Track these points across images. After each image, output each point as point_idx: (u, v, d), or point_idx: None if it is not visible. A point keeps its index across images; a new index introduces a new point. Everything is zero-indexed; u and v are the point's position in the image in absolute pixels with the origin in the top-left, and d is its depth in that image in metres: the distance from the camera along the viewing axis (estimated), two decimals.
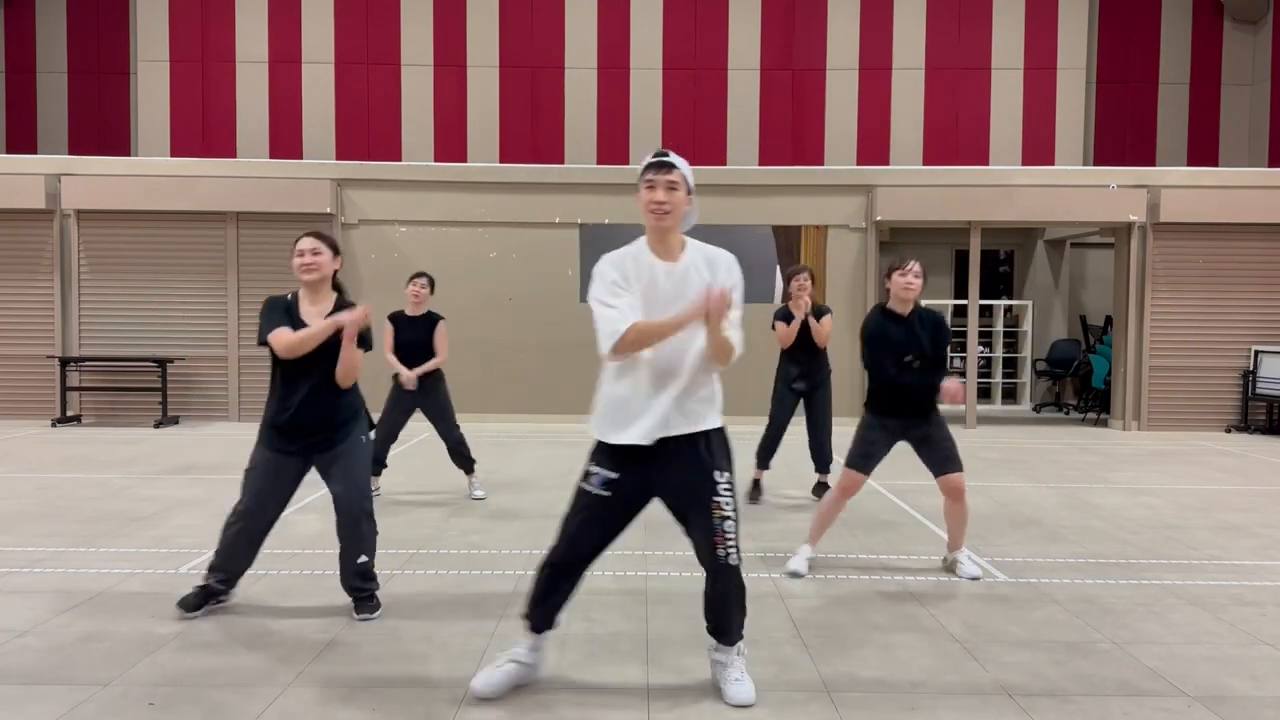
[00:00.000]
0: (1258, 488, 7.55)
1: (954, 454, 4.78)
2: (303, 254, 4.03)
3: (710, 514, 3.14)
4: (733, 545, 3.16)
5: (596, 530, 3.24)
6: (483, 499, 6.73)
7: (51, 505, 6.36)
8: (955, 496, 4.79)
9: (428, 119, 14.83)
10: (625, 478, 3.17)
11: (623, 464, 3.17)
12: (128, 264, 11.38)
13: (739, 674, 3.25)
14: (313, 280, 4.06)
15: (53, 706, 3.15)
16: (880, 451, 4.83)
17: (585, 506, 3.23)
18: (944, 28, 14.77)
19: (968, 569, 4.79)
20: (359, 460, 4.10)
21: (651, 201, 3.11)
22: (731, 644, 3.30)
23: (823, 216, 11.63)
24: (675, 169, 3.12)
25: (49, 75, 15.09)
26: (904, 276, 4.71)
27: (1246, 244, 11.34)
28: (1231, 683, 3.46)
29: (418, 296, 6.62)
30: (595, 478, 3.20)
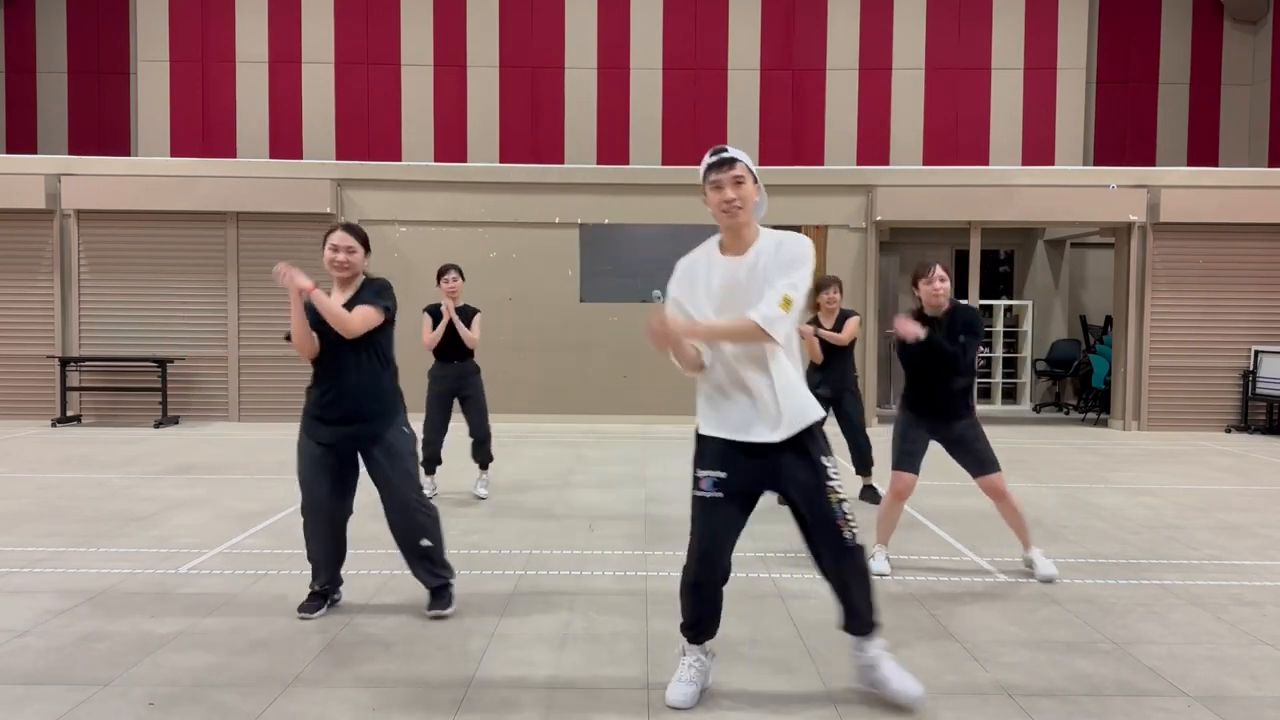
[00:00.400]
0: (1258, 488, 7.55)
1: (989, 455, 4.79)
2: (336, 250, 3.98)
3: (828, 499, 3.11)
4: (855, 526, 3.14)
5: (723, 533, 3.19)
6: (484, 498, 6.74)
7: (51, 505, 6.36)
8: (997, 496, 4.81)
9: (428, 119, 14.83)
10: (734, 475, 3.13)
11: (730, 462, 3.13)
12: (128, 264, 11.38)
13: (893, 668, 3.20)
14: (344, 277, 4.04)
15: (53, 706, 3.15)
16: (921, 448, 4.85)
17: (703, 513, 3.18)
18: (944, 28, 14.77)
19: (1043, 569, 4.78)
20: (404, 447, 4.08)
21: (722, 201, 3.08)
22: (870, 634, 3.23)
23: (823, 216, 11.63)
24: (738, 162, 3.10)
25: (49, 75, 15.09)
26: (929, 284, 4.76)
27: (1246, 244, 11.34)
28: (1231, 683, 3.46)
29: (453, 294, 6.64)
30: (705, 481, 3.16)
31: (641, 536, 5.60)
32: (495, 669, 3.51)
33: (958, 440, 4.81)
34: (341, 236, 4.00)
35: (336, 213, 11.36)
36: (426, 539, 4.10)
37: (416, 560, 4.13)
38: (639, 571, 4.86)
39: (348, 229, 4.04)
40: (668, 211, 11.42)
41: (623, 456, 8.84)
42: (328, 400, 3.98)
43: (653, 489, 7.14)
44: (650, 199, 11.48)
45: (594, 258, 11.69)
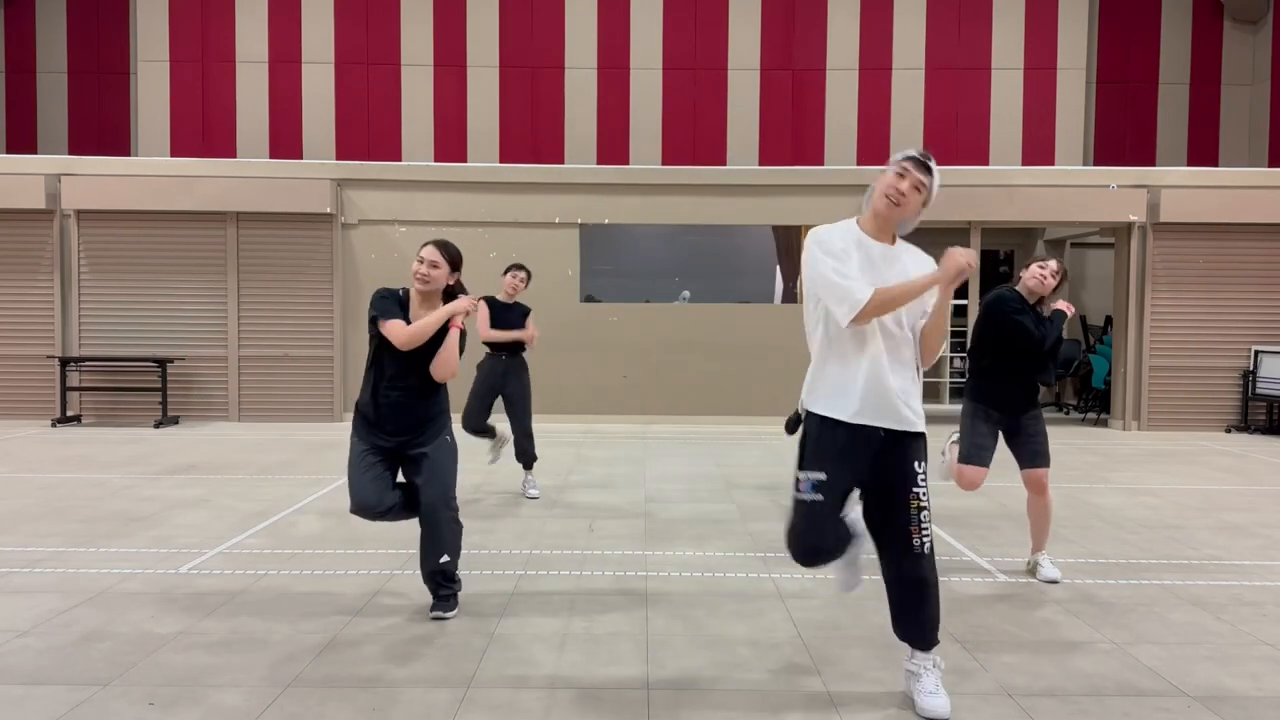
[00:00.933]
0: (1258, 488, 7.55)
1: (1044, 450, 4.76)
2: (422, 261, 4.04)
3: (908, 505, 3.11)
4: (928, 535, 3.13)
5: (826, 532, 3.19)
6: (536, 498, 6.77)
7: (51, 505, 6.36)
8: (1039, 491, 4.79)
9: (428, 119, 14.83)
10: (832, 476, 3.13)
11: (830, 458, 3.12)
12: (128, 264, 11.38)
13: (934, 686, 3.17)
14: (425, 291, 4.07)
15: (53, 706, 3.15)
16: (991, 443, 4.77)
17: (806, 515, 3.17)
18: (944, 28, 14.77)
19: (1048, 571, 4.78)
20: (445, 460, 4.10)
21: (894, 188, 3.10)
22: (928, 648, 3.20)
23: (823, 216, 11.50)
24: (931, 176, 3.11)
25: (49, 75, 15.09)
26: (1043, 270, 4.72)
27: (1246, 244, 11.34)
28: (1231, 683, 3.46)
29: (515, 289, 6.78)
30: (804, 484, 3.16)
31: (641, 536, 5.60)
32: (495, 669, 3.51)
33: (1022, 430, 4.76)
34: (431, 251, 4.06)
35: (336, 213, 11.36)
36: (447, 555, 4.10)
37: (432, 572, 4.13)
38: (639, 571, 4.86)
39: (438, 244, 4.10)
40: (668, 211, 11.42)
41: (623, 456, 8.84)
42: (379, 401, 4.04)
43: (653, 489, 7.14)
44: (650, 199, 11.48)
45: (594, 258, 11.68)
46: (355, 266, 11.51)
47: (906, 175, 3.09)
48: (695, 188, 11.42)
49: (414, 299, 4.11)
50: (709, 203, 11.44)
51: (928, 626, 3.19)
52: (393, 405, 4.03)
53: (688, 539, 5.57)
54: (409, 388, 4.03)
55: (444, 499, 4.08)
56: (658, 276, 11.70)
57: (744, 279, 11.60)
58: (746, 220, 11.53)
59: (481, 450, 7.14)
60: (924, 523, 3.12)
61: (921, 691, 3.16)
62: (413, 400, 4.05)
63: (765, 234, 11.66)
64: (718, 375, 11.39)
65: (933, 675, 3.19)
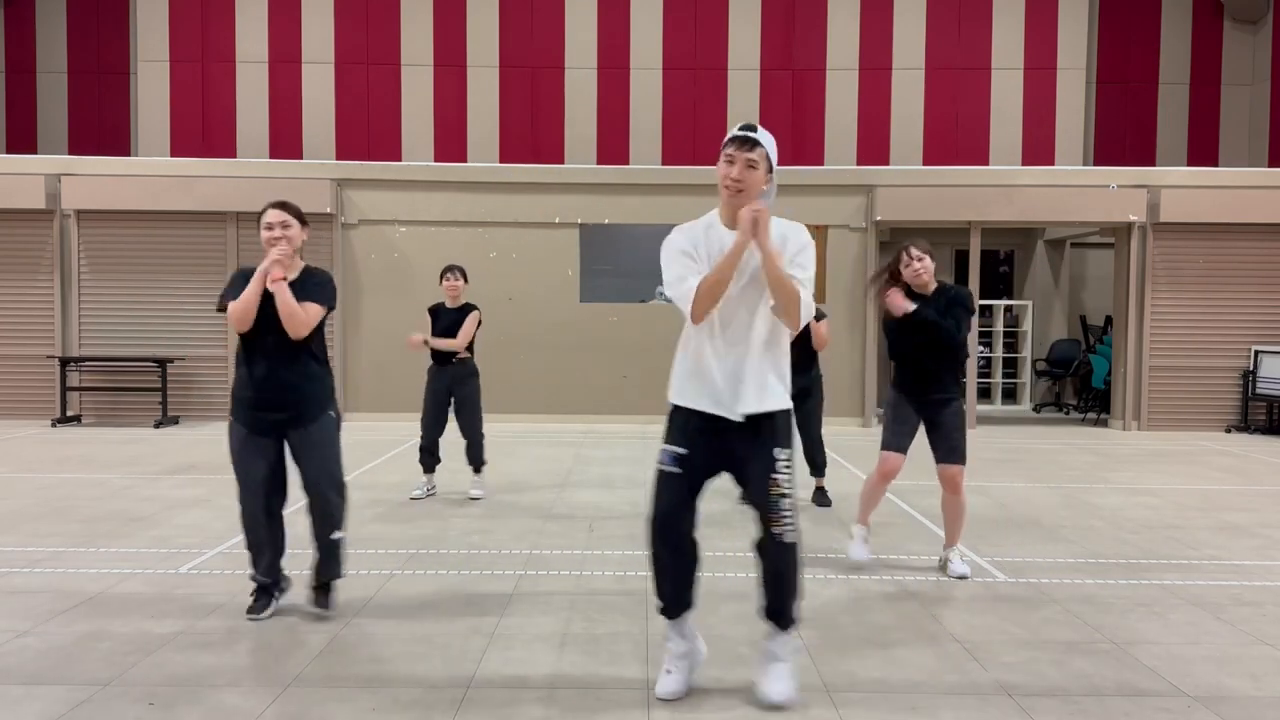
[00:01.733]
0: (1258, 488, 7.55)
1: (961, 445, 4.77)
2: (271, 227, 3.95)
3: (768, 491, 3.13)
4: (789, 524, 3.14)
5: (680, 506, 3.21)
6: (479, 499, 6.73)
7: (51, 505, 6.36)
8: (953, 489, 4.80)
9: (428, 119, 14.83)
10: (694, 453, 3.16)
11: (692, 439, 3.16)
12: (128, 264, 11.38)
13: (782, 671, 3.23)
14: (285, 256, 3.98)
15: (53, 706, 3.15)
16: (911, 427, 4.83)
17: (663, 485, 3.21)
18: (944, 28, 14.77)
19: (956, 567, 4.81)
20: (329, 437, 4.07)
21: (728, 178, 3.09)
22: (786, 627, 3.26)
23: (823, 216, 11.63)
24: (758, 146, 3.08)
25: (49, 75, 15.09)
26: (908, 267, 4.75)
27: (1246, 244, 11.34)
28: (1231, 683, 3.46)
29: (455, 290, 6.72)
30: (666, 455, 3.20)
31: (641, 537, 5.59)
32: (495, 669, 3.51)
33: (940, 423, 4.78)
34: (274, 214, 3.97)
35: (336, 213, 11.37)
36: (338, 531, 4.10)
37: (321, 550, 4.11)
38: (639, 571, 4.85)
39: (279, 205, 4.01)
40: (668, 211, 11.39)
41: (623, 456, 8.84)
42: (253, 382, 3.96)
43: None
44: (650, 199, 11.48)
45: (594, 258, 11.68)
46: (355, 266, 11.52)
47: (734, 160, 3.08)
48: (695, 188, 11.41)
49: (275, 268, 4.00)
50: (709, 203, 11.29)
51: (788, 606, 3.25)
52: (266, 379, 3.94)
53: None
54: (281, 361, 3.94)
55: (329, 474, 4.04)
56: (658, 277, 11.68)
57: None
58: None
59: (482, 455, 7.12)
60: (784, 510, 3.13)
61: (768, 674, 3.23)
62: (285, 371, 3.96)
63: None
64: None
65: (786, 662, 3.26)
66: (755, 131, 3.09)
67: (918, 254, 4.73)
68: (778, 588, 3.23)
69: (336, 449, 4.13)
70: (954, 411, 4.78)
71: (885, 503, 6.68)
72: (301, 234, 4.04)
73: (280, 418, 3.99)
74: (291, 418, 4.00)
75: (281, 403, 3.97)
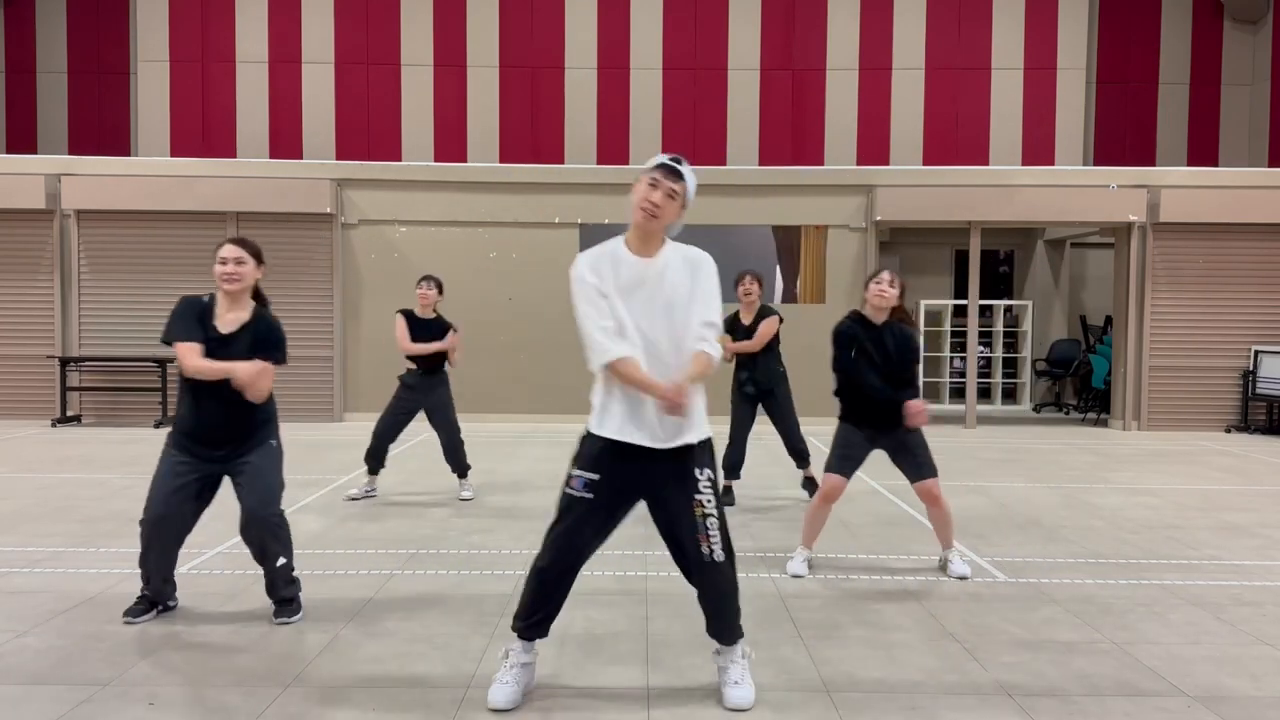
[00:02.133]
0: (1258, 488, 7.55)
1: (928, 460, 4.79)
2: (225, 262, 3.94)
3: (692, 513, 3.15)
4: (716, 543, 3.16)
5: (582, 535, 3.21)
6: (470, 499, 6.71)
7: (51, 505, 6.36)
8: (932, 502, 4.84)
9: (428, 119, 14.82)
10: (605, 479, 3.16)
11: (605, 465, 3.16)
12: (128, 264, 11.38)
13: (739, 676, 3.23)
14: (234, 290, 3.97)
15: (53, 706, 3.15)
16: (858, 455, 4.83)
17: (568, 510, 3.20)
18: (944, 28, 14.77)
19: (957, 568, 4.81)
20: (269, 466, 4.01)
21: (647, 200, 3.10)
22: (732, 643, 3.28)
23: (823, 216, 11.63)
24: (682, 180, 3.12)
25: (49, 75, 15.09)
26: (878, 284, 4.74)
27: (1246, 244, 11.34)
28: (1231, 683, 3.46)
29: (425, 299, 6.64)
30: (577, 480, 3.18)
31: (641, 537, 5.59)
32: (495, 669, 3.51)
33: (899, 446, 4.79)
34: (231, 249, 3.97)
35: (336, 213, 11.37)
36: (283, 557, 4.03)
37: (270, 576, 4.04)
38: (639, 571, 4.86)
39: (237, 241, 4.01)
40: None
41: None
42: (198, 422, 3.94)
43: None
44: None
45: None
46: (355, 266, 11.52)
47: (658, 185, 3.10)
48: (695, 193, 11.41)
49: (221, 302, 4.00)
50: (709, 203, 11.41)
51: (730, 624, 3.26)
52: (214, 418, 3.91)
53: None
54: (231, 399, 3.89)
55: (265, 504, 3.96)
56: None
57: None
58: (746, 220, 11.53)
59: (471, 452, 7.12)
60: (711, 530, 3.15)
61: (727, 683, 3.22)
62: (235, 411, 3.92)
63: (765, 234, 11.67)
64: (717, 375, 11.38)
65: (740, 666, 3.25)
66: (682, 164, 3.13)
67: (891, 278, 4.74)
68: (721, 607, 3.24)
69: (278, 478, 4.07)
70: (910, 431, 4.74)
71: (885, 503, 6.69)
72: (256, 272, 4.02)
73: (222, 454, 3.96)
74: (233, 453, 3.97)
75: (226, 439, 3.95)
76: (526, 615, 3.25)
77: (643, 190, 3.11)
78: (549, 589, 3.25)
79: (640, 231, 3.16)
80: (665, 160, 3.13)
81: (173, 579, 4.12)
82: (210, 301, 4.03)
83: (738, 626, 3.29)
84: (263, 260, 4.08)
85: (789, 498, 6.92)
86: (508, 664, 3.25)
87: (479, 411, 10.97)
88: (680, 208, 3.15)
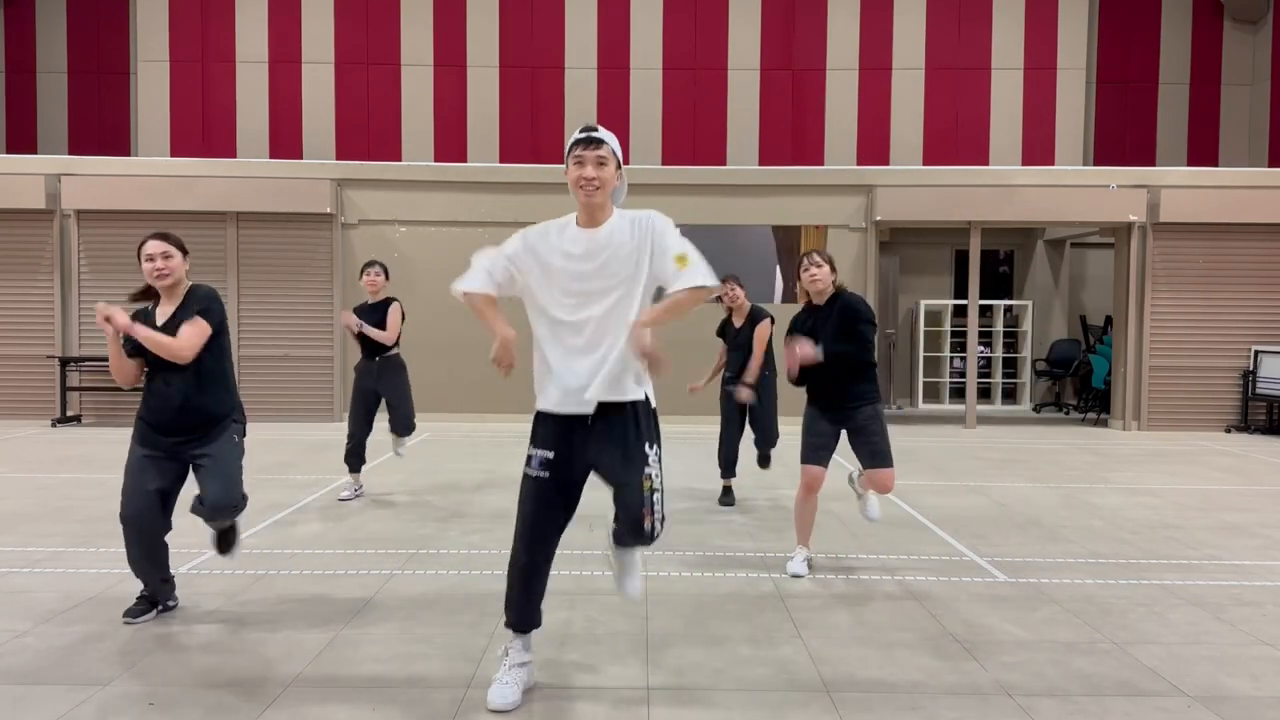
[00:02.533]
0: (1258, 488, 7.55)
1: (884, 448, 4.74)
2: (153, 259, 3.90)
3: (640, 488, 3.13)
4: (659, 517, 3.18)
5: (547, 514, 3.24)
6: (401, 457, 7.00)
7: (51, 505, 6.36)
8: (883, 491, 4.85)
9: (428, 119, 14.82)
10: (560, 456, 3.19)
11: (557, 441, 3.19)
12: (128, 264, 11.24)
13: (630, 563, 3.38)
14: (166, 285, 3.95)
15: (53, 706, 3.15)
16: (828, 442, 4.82)
17: (530, 492, 3.24)
18: (944, 28, 14.77)
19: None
20: (230, 457, 4.00)
21: (581, 178, 3.12)
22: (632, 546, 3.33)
23: (823, 216, 11.63)
24: (604, 144, 3.14)
25: (49, 75, 15.09)
26: (806, 271, 4.81)
27: (1246, 244, 11.34)
28: (1231, 683, 3.46)
29: (374, 285, 6.70)
30: (534, 460, 3.24)
31: None
32: (495, 669, 3.51)
33: (859, 430, 4.77)
34: (155, 245, 3.92)
35: (336, 213, 11.37)
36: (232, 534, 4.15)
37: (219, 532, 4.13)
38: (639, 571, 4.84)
39: (159, 236, 3.97)
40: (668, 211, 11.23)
41: None
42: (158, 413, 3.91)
43: None
44: (650, 199, 11.35)
45: None
46: (355, 266, 11.48)
47: (584, 160, 3.12)
48: (695, 188, 11.41)
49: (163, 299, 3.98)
50: (709, 203, 11.44)
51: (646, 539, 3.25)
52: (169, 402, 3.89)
53: (687, 539, 5.58)
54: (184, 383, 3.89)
55: (230, 494, 3.96)
56: None
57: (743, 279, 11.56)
58: (746, 220, 11.52)
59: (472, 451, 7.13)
60: (656, 505, 3.16)
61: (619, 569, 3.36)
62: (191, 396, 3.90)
63: (765, 234, 11.67)
64: None
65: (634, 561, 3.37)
66: (597, 130, 3.16)
67: (819, 260, 4.79)
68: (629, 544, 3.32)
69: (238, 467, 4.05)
70: (870, 416, 4.74)
71: (885, 503, 6.68)
72: (183, 264, 3.99)
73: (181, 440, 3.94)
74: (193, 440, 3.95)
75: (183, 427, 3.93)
76: (515, 608, 3.28)
77: (573, 172, 3.14)
78: (529, 578, 3.28)
79: (587, 209, 3.19)
80: (578, 135, 3.16)
81: (171, 579, 4.12)
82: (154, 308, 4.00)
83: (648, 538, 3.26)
84: (187, 251, 4.05)
85: (789, 498, 6.91)
86: (506, 663, 3.26)
87: (479, 411, 10.98)
88: (616, 169, 3.18)
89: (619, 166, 3.19)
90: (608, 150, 3.14)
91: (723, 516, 6.28)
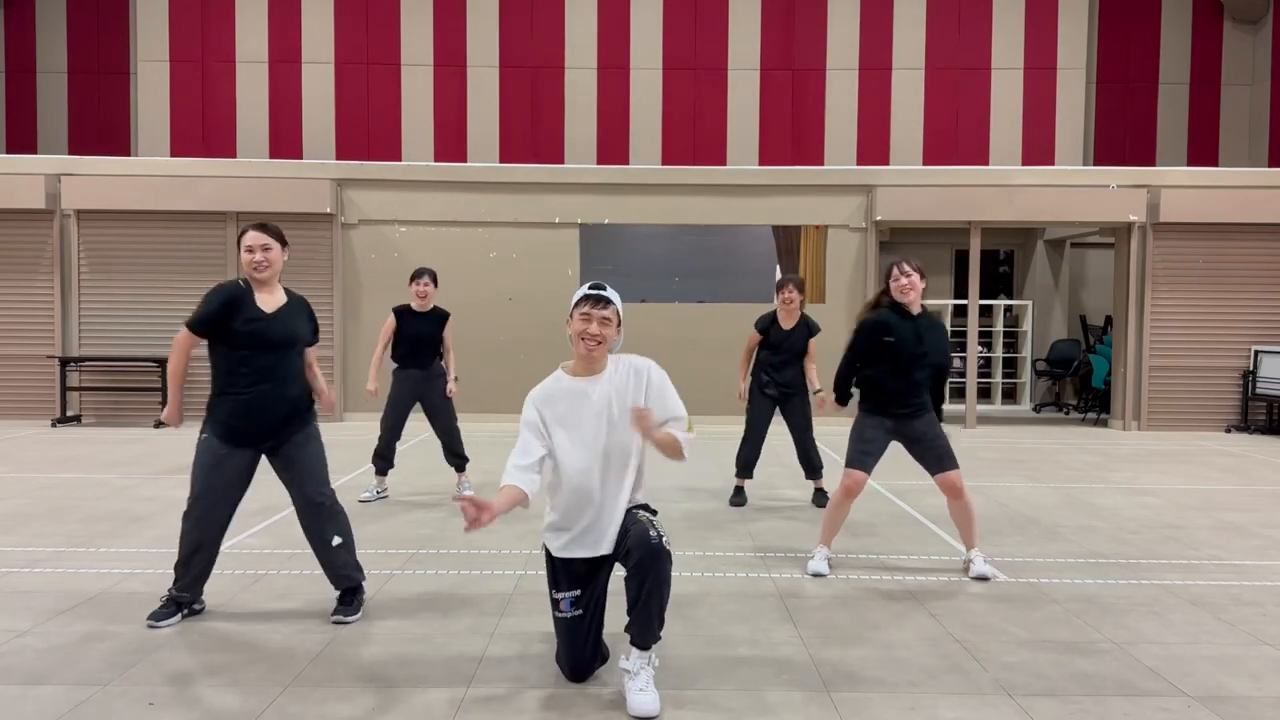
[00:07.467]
0: (1257, 488, 7.55)
1: (948, 452, 4.79)
2: (253, 250, 3.93)
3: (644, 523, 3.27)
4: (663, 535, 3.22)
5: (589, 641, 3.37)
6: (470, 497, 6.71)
7: (51, 505, 6.36)
8: (954, 494, 4.81)
9: (428, 119, 14.83)
10: (586, 590, 3.34)
11: (579, 578, 3.35)
12: (128, 264, 11.38)
13: (644, 684, 3.16)
14: (265, 278, 3.97)
15: (53, 706, 3.15)
16: (878, 450, 4.82)
17: (569, 631, 3.35)
18: (944, 28, 14.77)
19: (979, 568, 4.78)
20: (317, 450, 4.06)
21: (585, 333, 3.25)
22: (647, 647, 3.22)
23: (823, 216, 11.63)
24: (611, 304, 3.27)
25: (49, 75, 15.09)
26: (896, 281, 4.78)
27: (1247, 244, 11.34)
28: (1231, 683, 3.46)
29: (423, 294, 6.67)
30: (564, 602, 3.34)
31: None
32: (495, 669, 3.51)
33: (918, 438, 4.79)
34: (255, 236, 3.95)
35: (336, 213, 11.37)
36: (339, 536, 4.07)
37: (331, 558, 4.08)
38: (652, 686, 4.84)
39: (259, 227, 3.99)
40: (668, 211, 11.42)
41: None
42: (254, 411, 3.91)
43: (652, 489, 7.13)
44: (650, 199, 11.47)
45: (594, 258, 11.68)
46: (355, 266, 11.52)
47: (591, 318, 3.24)
48: (695, 188, 11.41)
49: (256, 287, 3.98)
50: (709, 203, 11.44)
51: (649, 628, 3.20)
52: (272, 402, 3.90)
53: (688, 539, 5.57)
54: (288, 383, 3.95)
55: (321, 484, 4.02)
56: (657, 276, 11.70)
57: (744, 279, 11.60)
58: (746, 220, 11.52)
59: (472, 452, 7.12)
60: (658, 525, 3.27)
61: (633, 689, 3.16)
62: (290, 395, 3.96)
63: (765, 234, 11.66)
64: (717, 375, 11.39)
65: (647, 673, 3.20)
66: (605, 290, 3.29)
67: (910, 269, 4.75)
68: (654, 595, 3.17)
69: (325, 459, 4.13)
70: (929, 422, 4.80)
71: (886, 502, 6.69)
72: (282, 256, 4.04)
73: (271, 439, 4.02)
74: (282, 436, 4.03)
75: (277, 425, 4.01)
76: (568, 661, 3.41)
77: (578, 326, 3.26)
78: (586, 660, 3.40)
79: (585, 362, 3.33)
80: (587, 291, 3.27)
81: None
82: (248, 289, 3.98)
83: (658, 629, 3.23)
84: (286, 243, 4.09)
85: (790, 498, 6.92)
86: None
87: (479, 411, 10.97)
88: (618, 326, 3.32)
89: (619, 325, 3.33)
90: (613, 311, 3.28)
91: (723, 517, 6.28)
